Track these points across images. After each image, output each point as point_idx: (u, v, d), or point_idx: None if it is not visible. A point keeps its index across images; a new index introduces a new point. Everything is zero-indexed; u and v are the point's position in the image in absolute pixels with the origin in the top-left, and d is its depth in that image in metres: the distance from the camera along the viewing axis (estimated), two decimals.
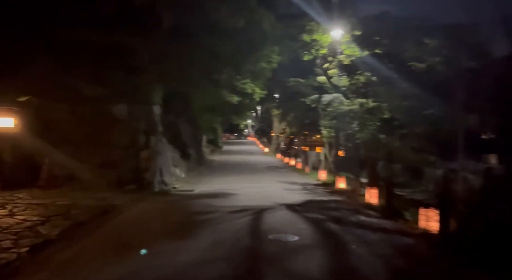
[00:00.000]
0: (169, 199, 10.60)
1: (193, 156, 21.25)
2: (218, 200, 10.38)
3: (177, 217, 7.85)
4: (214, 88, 14.47)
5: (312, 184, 14.68)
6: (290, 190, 12.68)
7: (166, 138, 16.55)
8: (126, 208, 8.60)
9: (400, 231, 7.02)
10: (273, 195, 11.25)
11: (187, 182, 15.32)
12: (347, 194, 11.52)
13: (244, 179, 15.97)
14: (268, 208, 8.91)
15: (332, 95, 11.92)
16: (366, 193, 10.21)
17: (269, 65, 14.57)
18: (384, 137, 9.96)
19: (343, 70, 11.78)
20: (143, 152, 12.88)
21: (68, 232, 6.06)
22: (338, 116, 10.97)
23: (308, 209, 8.98)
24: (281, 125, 35.47)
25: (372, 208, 9.27)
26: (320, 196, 11.39)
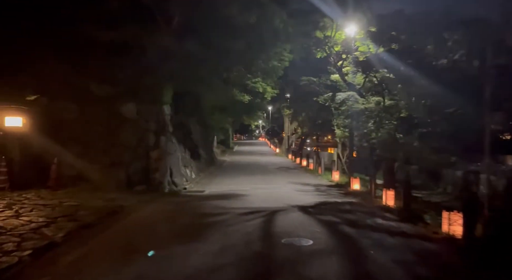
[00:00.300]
0: (179, 200, 10.36)
1: (203, 156, 21.04)
2: (229, 201, 10.11)
3: (186, 219, 7.58)
4: (224, 87, 14.20)
5: (325, 185, 14.31)
6: (303, 191, 12.34)
7: (176, 138, 16.36)
8: (134, 209, 8.38)
9: (420, 235, 6.63)
10: (285, 197, 10.93)
11: (197, 182, 15.09)
12: (362, 196, 11.13)
13: (255, 180, 15.67)
14: (280, 210, 8.60)
15: (347, 93, 11.54)
16: (383, 195, 9.82)
17: (280, 64, 14.22)
18: (401, 137, 9.52)
19: (358, 68, 11.39)
20: (152, 152, 12.70)
21: (74, 234, 5.84)
22: (353, 115, 10.57)
23: (321, 211, 8.63)
24: (292, 126, 35.11)
25: (389, 210, 8.88)
26: (333, 197, 11.02)
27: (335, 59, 12.91)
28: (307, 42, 13.06)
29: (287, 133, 36.42)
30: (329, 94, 12.80)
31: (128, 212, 7.99)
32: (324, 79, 17.17)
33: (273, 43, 12.58)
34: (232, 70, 13.13)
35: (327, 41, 12.35)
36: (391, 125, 9.90)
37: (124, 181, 11.90)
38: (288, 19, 12.15)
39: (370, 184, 10.90)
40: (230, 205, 9.37)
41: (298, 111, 25.31)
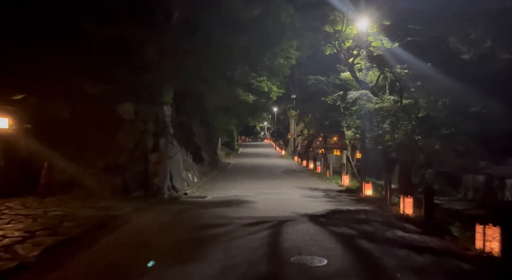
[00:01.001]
0: (178, 207, 9.56)
1: (206, 159, 20.25)
2: (232, 209, 9.29)
3: (184, 232, 6.77)
4: (228, 87, 13.42)
5: (335, 190, 13.44)
6: (311, 197, 11.50)
7: (178, 140, 15.60)
8: (127, 219, 7.59)
9: (450, 252, 5.77)
10: (293, 204, 10.10)
11: (199, 187, 14.30)
12: (377, 203, 10.26)
13: (261, 184, 14.85)
14: (288, 220, 7.76)
15: (359, 91, 10.71)
16: (400, 202, 8.94)
17: (287, 62, 13.41)
18: (420, 139, 8.66)
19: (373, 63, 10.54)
20: (151, 155, 11.91)
21: (50, 252, 5.05)
22: (365, 115, 9.74)
23: (334, 222, 7.78)
24: (298, 127, 34.26)
25: (409, 220, 8.01)
26: (345, 204, 10.16)
27: (346, 55, 12.06)
28: (316, 37, 12.20)
29: (292, 135, 35.56)
30: (340, 93, 11.95)
31: (119, 223, 7.20)
32: (333, 78, 16.33)
33: (279, 39, 11.77)
34: (236, 69, 12.33)
35: (337, 36, 11.51)
36: (408, 126, 9.04)
37: (120, 187, 11.12)
38: (295, 13, 11.33)
39: (385, 190, 10.02)
40: (233, 213, 8.55)
41: (305, 112, 24.48)
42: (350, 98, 10.73)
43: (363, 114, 10.63)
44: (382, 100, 10.10)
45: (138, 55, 11.80)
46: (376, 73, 12.01)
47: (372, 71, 11.88)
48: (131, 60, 11.71)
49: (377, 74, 11.99)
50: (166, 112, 14.34)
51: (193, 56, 11.54)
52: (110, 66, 11.44)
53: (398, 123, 8.79)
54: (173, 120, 15.49)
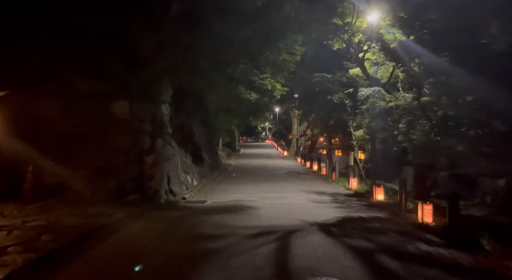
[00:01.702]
0: (175, 214, 8.78)
1: (207, 161, 19.47)
2: (233, 216, 8.51)
3: (177, 245, 5.98)
4: (228, 84, 12.64)
5: (343, 194, 12.65)
6: (319, 202, 10.70)
7: (177, 141, 14.83)
8: (116, 229, 6.82)
9: (487, 271, 4.98)
10: (300, 210, 9.31)
11: (199, 190, 13.53)
12: (390, 209, 9.45)
13: (263, 187, 14.06)
14: (296, 230, 6.98)
15: (371, 88, 9.91)
16: (418, 210, 8.14)
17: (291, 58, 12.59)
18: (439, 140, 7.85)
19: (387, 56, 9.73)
20: (147, 156, 11.14)
21: (18, 275, 4.27)
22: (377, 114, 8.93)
23: (347, 232, 6.99)
24: (301, 127, 33.47)
25: (430, 230, 7.21)
26: (356, 211, 9.37)
27: (356, 49, 11.26)
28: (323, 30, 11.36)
29: (295, 136, 34.75)
30: (350, 90, 11.14)
31: (107, 234, 6.43)
32: (339, 75, 15.52)
33: (283, 33, 10.99)
34: (237, 64, 11.52)
35: (347, 28, 10.71)
36: (425, 126, 8.24)
37: (114, 190, 10.34)
38: (300, 5, 10.54)
39: (400, 195, 9.21)
40: (234, 222, 7.77)
41: (308, 111, 23.67)
42: (361, 96, 9.92)
43: (375, 114, 9.79)
44: (396, 98, 9.31)
45: (133, 50, 11.04)
46: (388, 69, 11.21)
47: (384, 67, 11.07)
48: (126, 55, 10.95)
49: (389, 70, 11.19)
50: (164, 111, 13.55)
51: (191, 50, 10.75)
52: (103, 62, 10.67)
53: (415, 123, 7.99)
54: (172, 120, 14.70)
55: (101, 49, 10.61)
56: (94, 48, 10.44)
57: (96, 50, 10.46)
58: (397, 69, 10.15)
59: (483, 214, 9.96)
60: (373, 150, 11.41)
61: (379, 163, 16.02)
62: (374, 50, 10.05)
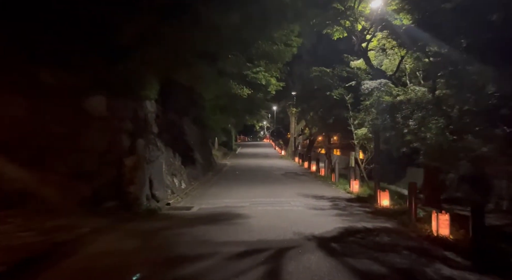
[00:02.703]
0: (153, 226, 7.66)
1: (199, 161, 18.36)
2: (220, 227, 7.40)
3: (146, 272, 4.86)
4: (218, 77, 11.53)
5: (344, 198, 11.56)
6: (318, 209, 9.60)
7: (164, 141, 13.72)
8: (77, 248, 5.71)
9: None
10: (296, 219, 8.21)
11: (187, 194, 12.43)
12: (398, 218, 8.35)
13: (258, 191, 12.96)
14: (290, 247, 5.87)
15: (377, 81, 8.81)
16: (432, 220, 7.04)
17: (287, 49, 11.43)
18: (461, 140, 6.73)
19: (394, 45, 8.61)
20: (127, 159, 10.03)
21: None
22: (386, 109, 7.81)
23: (352, 249, 5.89)
24: (299, 126, 32.36)
25: (449, 246, 6.12)
26: (360, 219, 8.26)
27: (358, 37, 10.13)
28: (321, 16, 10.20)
29: (293, 134, 33.62)
30: (352, 83, 10.02)
31: (62, 255, 5.31)
32: (339, 69, 14.42)
33: (278, 21, 9.87)
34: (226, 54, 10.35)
35: (348, 13, 9.60)
36: (439, 124, 7.14)
37: (88, 197, 9.22)
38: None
39: (410, 202, 8.10)
40: (220, 235, 6.66)
41: (306, 109, 22.55)
42: (365, 89, 8.82)
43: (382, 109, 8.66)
44: (405, 92, 8.21)
45: (112, 39, 9.91)
46: (394, 61, 10.09)
47: (390, 58, 9.97)
48: (103, 44, 9.82)
49: (395, 61, 10.07)
50: (149, 108, 12.45)
51: (176, 40, 9.62)
52: (77, 52, 9.56)
53: (430, 120, 6.90)
54: (159, 118, 13.60)
55: (75, 38, 9.50)
56: (67, 36, 9.32)
57: (69, 38, 9.34)
58: (406, 59, 9.04)
59: (504, 222, 8.89)
60: (377, 149, 10.31)
61: (383, 164, 14.92)
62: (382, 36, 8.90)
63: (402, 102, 7.51)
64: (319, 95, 18.43)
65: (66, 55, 9.19)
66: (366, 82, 9.15)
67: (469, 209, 9.30)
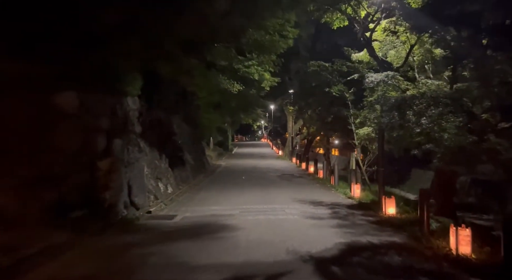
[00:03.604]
0: (123, 240, 6.58)
1: (190, 163, 17.26)
2: (201, 244, 6.31)
3: None
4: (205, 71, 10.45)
5: (344, 204, 10.49)
6: (315, 218, 8.52)
7: (149, 141, 12.62)
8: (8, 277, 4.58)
9: None
10: (290, 231, 7.13)
11: (172, 200, 11.33)
12: (408, 229, 7.27)
13: (250, 196, 11.88)
14: (282, 273, 4.79)
15: (383, 73, 7.72)
16: (450, 235, 5.97)
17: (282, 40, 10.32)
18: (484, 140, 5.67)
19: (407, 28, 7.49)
20: (101, 161, 8.93)
21: None
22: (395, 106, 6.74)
23: (357, 275, 4.81)
24: (296, 125, 31.29)
25: (474, 268, 5.05)
26: (364, 232, 7.19)
27: (362, 23, 9.02)
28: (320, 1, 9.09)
29: (290, 134, 32.54)
30: (354, 77, 8.93)
31: None
32: (339, 64, 13.35)
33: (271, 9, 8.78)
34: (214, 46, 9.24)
35: None
36: (457, 122, 6.07)
37: (53, 205, 8.10)
38: None
39: (421, 211, 7.02)
40: (198, 256, 5.57)
41: (304, 107, 21.46)
42: (370, 83, 7.73)
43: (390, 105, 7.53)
44: (415, 86, 7.14)
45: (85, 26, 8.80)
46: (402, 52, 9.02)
47: (396, 49, 8.90)
48: (76, 32, 8.72)
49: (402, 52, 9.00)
50: (131, 105, 11.33)
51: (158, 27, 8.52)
52: (44, 39, 8.44)
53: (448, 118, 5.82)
54: (143, 116, 12.50)
55: (42, 23, 8.39)
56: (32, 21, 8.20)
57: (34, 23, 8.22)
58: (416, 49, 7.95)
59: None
60: (381, 151, 9.25)
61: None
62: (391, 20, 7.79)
63: (414, 97, 6.44)
64: (317, 93, 17.37)
65: (29, 41, 8.06)
66: (370, 75, 8.06)
67: (486, 218, 8.16)
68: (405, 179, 15.76)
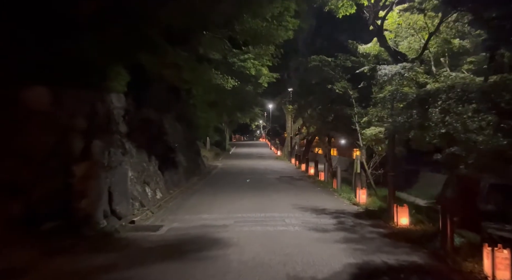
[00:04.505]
0: (92, 262, 5.55)
1: (183, 164, 16.21)
2: (183, 267, 5.31)
3: None
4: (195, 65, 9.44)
5: (350, 212, 9.50)
6: (319, 230, 7.51)
7: (137, 142, 11.59)
8: None
9: None
10: (291, 249, 6.12)
11: (161, 207, 10.31)
12: (427, 245, 6.29)
13: (246, 201, 10.89)
14: None
15: (401, 65, 6.68)
16: (484, 257, 4.97)
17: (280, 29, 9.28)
18: None
19: None
20: (77, 165, 7.92)
21: None
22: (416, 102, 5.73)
23: None
24: (296, 125, 30.27)
25: None
26: (377, 249, 6.20)
27: (372, 8, 7.99)
28: None
29: (289, 134, 31.51)
30: (364, 69, 7.92)
31: None
32: (343, 59, 12.36)
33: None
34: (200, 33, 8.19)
35: None
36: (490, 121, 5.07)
37: (19, 216, 7.10)
38: None
39: (444, 225, 6.02)
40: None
41: (304, 106, 20.53)
42: (383, 76, 6.70)
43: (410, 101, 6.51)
44: (436, 79, 6.13)
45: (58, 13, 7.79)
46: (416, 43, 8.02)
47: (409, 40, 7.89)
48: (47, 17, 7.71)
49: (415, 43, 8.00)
50: (115, 103, 10.36)
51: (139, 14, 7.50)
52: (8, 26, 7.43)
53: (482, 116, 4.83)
54: (130, 114, 11.48)
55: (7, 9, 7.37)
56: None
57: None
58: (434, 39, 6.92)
59: None
60: (392, 153, 8.27)
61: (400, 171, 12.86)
62: None
63: (440, 91, 5.42)
64: (317, 91, 16.41)
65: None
66: (383, 67, 7.03)
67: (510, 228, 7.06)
68: (412, 181, 14.74)
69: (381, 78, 6.77)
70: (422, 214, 8.78)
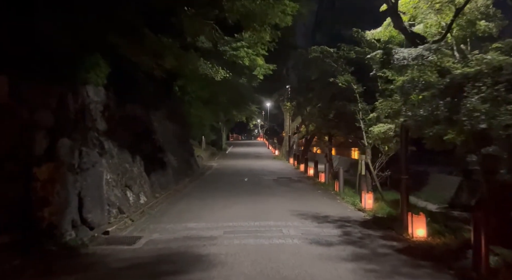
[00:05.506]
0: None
1: (173, 165, 15.07)
2: None
3: None
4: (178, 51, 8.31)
5: (356, 220, 8.39)
6: (322, 244, 6.40)
7: (119, 140, 10.46)
8: None
9: None
10: (290, 271, 5.02)
11: (144, 213, 9.19)
12: (456, 268, 5.17)
13: (239, 207, 9.78)
14: None
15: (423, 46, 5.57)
16: None
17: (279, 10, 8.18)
18: None
19: None
20: (40, 167, 6.78)
21: None
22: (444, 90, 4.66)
23: None
24: (294, 123, 29.15)
25: None
26: (393, 270, 5.11)
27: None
28: None
29: (287, 133, 30.38)
30: (377, 53, 6.77)
31: None
32: (347, 50, 11.26)
33: None
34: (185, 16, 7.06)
35: None
36: None
37: None
38: None
39: (477, 242, 4.91)
40: None
41: (303, 103, 19.47)
42: (402, 59, 5.55)
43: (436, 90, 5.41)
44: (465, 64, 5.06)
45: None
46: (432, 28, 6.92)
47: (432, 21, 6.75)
48: None
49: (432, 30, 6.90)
50: (92, 96, 9.21)
51: None
52: None
53: None
54: (111, 110, 10.34)
55: None
56: None
57: None
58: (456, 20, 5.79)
59: None
60: (405, 153, 7.18)
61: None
62: None
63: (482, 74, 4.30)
64: (317, 86, 15.33)
65: None
66: (401, 50, 5.89)
67: None
68: (421, 184, 13.60)
69: (398, 63, 5.66)
70: (438, 222, 7.70)
